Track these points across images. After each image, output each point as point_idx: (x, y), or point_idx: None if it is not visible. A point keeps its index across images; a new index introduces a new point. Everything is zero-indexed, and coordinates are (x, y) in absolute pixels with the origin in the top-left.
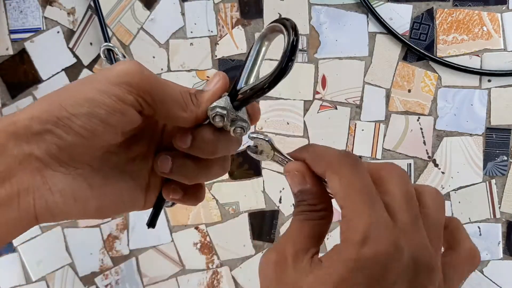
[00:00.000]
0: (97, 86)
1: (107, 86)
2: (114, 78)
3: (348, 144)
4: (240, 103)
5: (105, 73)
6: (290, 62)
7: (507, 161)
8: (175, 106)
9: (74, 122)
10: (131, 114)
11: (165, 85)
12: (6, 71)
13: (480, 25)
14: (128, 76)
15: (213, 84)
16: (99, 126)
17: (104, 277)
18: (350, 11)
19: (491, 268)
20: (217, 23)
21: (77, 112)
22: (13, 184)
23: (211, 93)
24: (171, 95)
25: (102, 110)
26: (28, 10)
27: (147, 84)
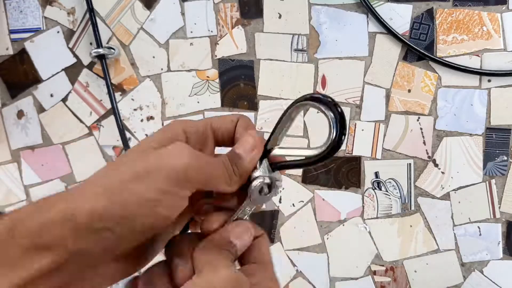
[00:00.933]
0: (157, 186)
1: (168, 185)
2: (176, 176)
3: (348, 144)
4: (279, 168)
5: (163, 167)
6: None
7: (507, 161)
8: (222, 183)
9: (136, 222)
10: (185, 202)
11: (213, 169)
12: (6, 71)
13: (480, 25)
14: (188, 173)
15: (249, 149)
16: (159, 221)
17: None
18: (350, 11)
19: (491, 268)
20: (217, 23)
21: (139, 213)
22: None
23: (251, 163)
24: (217, 175)
25: (164, 210)
26: (28, 10)
27: (204, 176)
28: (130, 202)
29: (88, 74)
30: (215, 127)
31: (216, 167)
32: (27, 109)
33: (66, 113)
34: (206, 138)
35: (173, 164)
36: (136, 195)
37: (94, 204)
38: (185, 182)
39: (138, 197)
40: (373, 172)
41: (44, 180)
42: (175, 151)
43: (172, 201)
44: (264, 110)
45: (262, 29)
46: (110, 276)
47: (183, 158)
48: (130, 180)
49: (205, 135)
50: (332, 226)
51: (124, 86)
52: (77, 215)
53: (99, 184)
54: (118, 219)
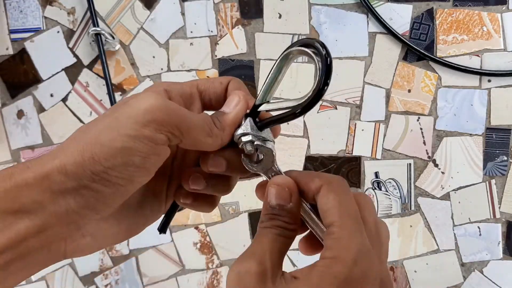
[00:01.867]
0: (126, 132)
1: (137, 130)
2: (141, 118)
3: (348, 144)
4: (265, 124)
5: (129, 112)
6: (326, 86)
7: (507, 161)
8: (201, 133)
9: (110, 175)
10: (164, 151)
11: (188, 115)
12: (6, 70)
13: (480, 25)
14: (155, 113)
15: (233, 105)
16: (136, 172)
17: (104, 277)
18: (350, 11)
19: (491, 268)
20: (217, 23)
21: (112, 165)
22: (48, 236)
23: (233, 116)
24: (196, 123)
25: (137, 158)
26: (28, 10)
27: (174, 118)
28: (100, 154)
29: (88, 74)
30: (202, 89)
31: (195, 116)
32: (27, 109)
33: (66, 113)
34: (192, 100)
35: (139, 106)
36: (106, 146)
37: (66, 161)
38: (156, 124)
39: (108, 148)
40: (373, 172)
41: None
42: (144, 96)
43: (146, 148)
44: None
45: (262, 29)
46: (100, 237)
47: (150, 99)
48: (99, 132)
49: (191, 96)
50: None
51: (124, 86)
52: (51, 175)
53: (71, 141)
54: (91, 174)
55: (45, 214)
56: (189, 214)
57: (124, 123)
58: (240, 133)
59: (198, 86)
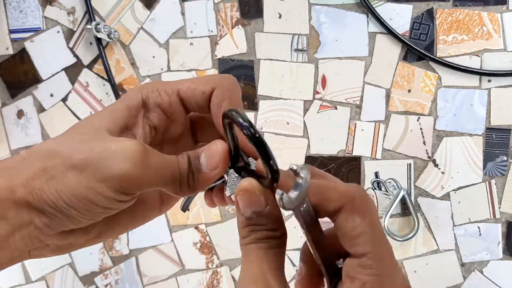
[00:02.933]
0: (93, 185)
1: (104, 190)
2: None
3: (348, 144)
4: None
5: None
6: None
7: (507, 161)
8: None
9: (71, 212)
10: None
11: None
12: (6, 70)
13: (480, 25)
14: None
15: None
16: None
17: (104, 277)
18: (350, 11)
19: (491, 268)
20: (217, 23)
21: (74, 205)
22: (11, 248)
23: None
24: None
25: (99, 208)
26: (28, 9)
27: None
28: (63, 192)
29: (88, 74)
30: (183, 97)
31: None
32: (27, 108)
33: (66, 113)
34: (173, 110)
35: (112, 169)
36: (70, 188)
37: (32, 182)
38: (121, 189)
39: (72, 191)
40: (373, 172)
41: None
42: (122, 152)
43: (107, 203)
44: (264, 110)
45: (262, 29)
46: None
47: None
48: (68, 168)
49: (171, 107)
50: None
51: (124, 85)
52: (16, 190)
53: (40, 161)
54: (53, 206)
55: (8, 226)
56: (189, 214)
57: (92, 174)
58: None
59: (180, 93)
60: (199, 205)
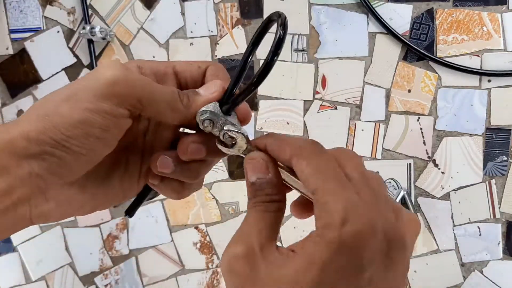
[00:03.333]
0: (85, 105)
1: (95, 103)
2: (100, 92)
3: (348, 144)
4: (229, 106)
5: (89, 85)
6: (275, 56)
7: (507, 161)
8: (164, 107)
9: (71, 143)
10: (124, 123)
11: (152, 87)
12: (6, 70)
13: (480, 25)
14: (115, 87)
15: (209, 92)
16: (96, 142)
17: (103, 277)
18: (350, 11)
19: (491, 268)
20: (217, 23)
21: (72, 134)
22: (12, 198)
23: (205, 100)
24: (159, 96)
25: (96, 130)
26: (28, 9)
27: (136, 90)
28: (60, 124)
29: None
30: (178, 70)
31: (159, 88)
32: (27, 108)
33: None
34: (166, 79)
35: (98, 77)
36: (65, 116)
37: (29, 127)
38: (115, 97)
39: (68, 118)
40: None
41: None
42: (105, 66)
43: (105, 121)
44: (264, 110)
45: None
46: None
47: (110, 70)
48: (60, 101)
49: (165, 75)
50: None
51: None
52: (14, 140)
53: (35, 109)
54: (54, 142)
55: (9, 177)
56: (189, 214)
57: (83, 95)
58: (201, 110)
59: (175, 67)
60: (199, 205)
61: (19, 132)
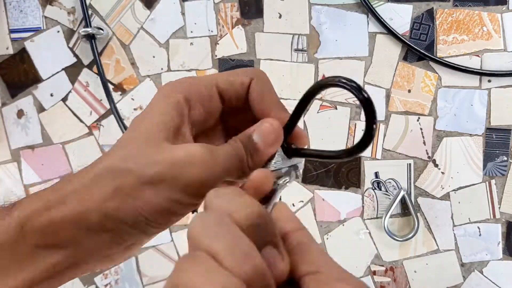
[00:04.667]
0: (171, 196)
1: (182, 197)
2: (190, 188)
3: (348, 144)
4: (297, 155)
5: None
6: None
7: (507, 161)
8: (233, 177)
9: (151, 226)
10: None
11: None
12: (6, 70)
13: (480, 26)
14: (203, 185)
15: (269, 141)
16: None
17: (103, 277)
18: (350, 11)
19: (491, 269)
20: (217, 23)
21: (154, 220)
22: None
23: (267, 156)
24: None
25: (175, 217)
26: (28, 9)
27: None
28: (143, 208)
29: (88, 74)
30: (222, 88)
31: (230, 163)
32: (27, 108)
33: (66, 112)
34: (212, 104)
35: (190, 177)
36: (150, 203)
37: (107, 204)
38: (201, 194)
39: (153, 205)
40: (373, 172)
41: (44, 180)
42: (193, 159)
43: (185, 210)
44: None
45: (262, 29)
46: (120, 258)
47: (201, 169)
48: (143, 184)
49: (210, 99)
50: (332, 226)
51: (124, 85)
52: (89, 215)
53: (110, 182)
54: (131, 223)
55: (79, 250)
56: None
57: (171, 186)
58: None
59: (218, 85)
60: None
61: (95, 208)
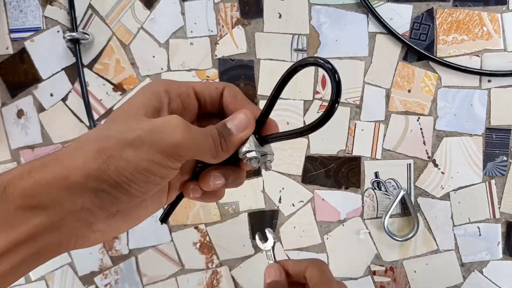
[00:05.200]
0: (152, 157)
1: (162, 159)
2: (167, 150)
3: (348, 144)
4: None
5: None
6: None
7: (506, 161)
8: (207, 156)
9: (131, 186)
10: (176, 171)
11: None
12: (6, 70)
13: (480, 26)
14: (178, 149)
15: (241, 127)
16: (153, 187)
17: (103, 277)
18: (350, 11)
19: (491, 269)
20: (217, 23)
21: (135, 179)
22: (61, 232)
23: (240, 139)
24: (206, 149)
25: (157, 178)
26: (28, 9)
27: (193, 150)
28: (124, 168)
29: (88, 74)
30: (198, 91)
31: (206, 140)
32: (27, 108)
33: (66, 112)
34: (189, 100)
35: (167, 139)
36: (131, 163)
37: (89, 165)
38: (177, 156)
39: (134, 165)
40: (373, 172)
41: None
42: (169, 125)
43: (165, 171)
44: None
45: (262, 29)
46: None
47: (177, 134)
48: (124, 146)
49: (188, 96)
50: (332, 226)
51: (124, 85)
52: (71, 175)
53: (93, 146)
54: (114, 183)
55: (61, 211)
56: (188, 214)
57: (149, 147)
58: (245, 151)
59: (194, 88)
60: (199, 205)
61: (77, 168)
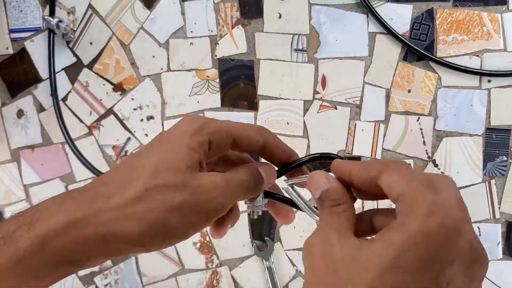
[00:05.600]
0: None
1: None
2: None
3: (348, 144)
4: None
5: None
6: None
7: (506, 161)
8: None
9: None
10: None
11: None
12: (6, 70)
13: (480, 26)
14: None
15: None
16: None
17: (103, 277)
18: (350, 11)
19: (491, 269)
20: (217, 23)
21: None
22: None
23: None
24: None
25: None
26: (28, 9)
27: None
28: (164, 232)
29: (88, 74)
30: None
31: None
32: (27, 108)
33: (66, 112)
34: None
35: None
36: (172, 229)
37: (131, 231)
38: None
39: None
40: None
41: (44, 180)
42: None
43: (200, 229)
44: (264, 110)
45: (262, 29)
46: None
47: (218, 199)
48: (165, 211)
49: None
50: None
51: (124, 85)
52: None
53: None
54: (149, 244)
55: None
56: None
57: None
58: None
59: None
60: None
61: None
